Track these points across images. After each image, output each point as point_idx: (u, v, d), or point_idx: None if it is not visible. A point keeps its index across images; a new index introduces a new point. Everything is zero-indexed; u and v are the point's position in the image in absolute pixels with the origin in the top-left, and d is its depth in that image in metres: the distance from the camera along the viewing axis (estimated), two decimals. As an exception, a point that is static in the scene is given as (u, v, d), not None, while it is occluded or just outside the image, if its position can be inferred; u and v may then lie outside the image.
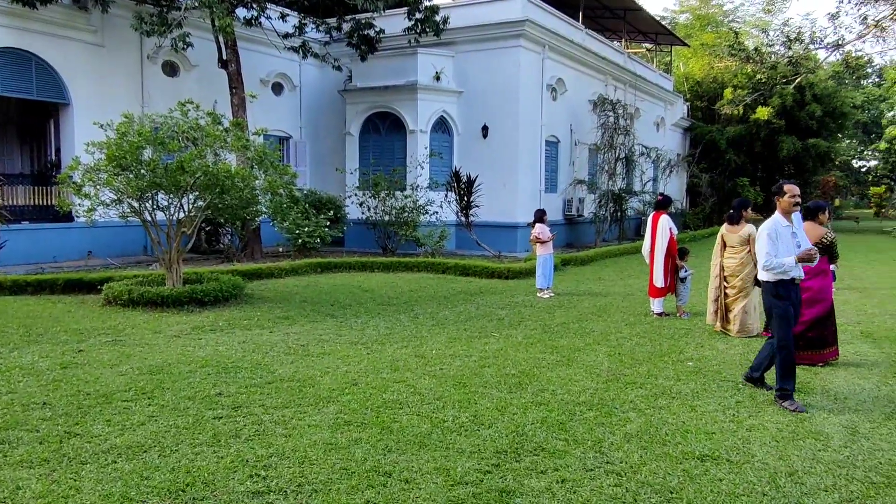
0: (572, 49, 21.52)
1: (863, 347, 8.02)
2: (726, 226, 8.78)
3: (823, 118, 35.65)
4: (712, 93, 36.13)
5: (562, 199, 21.78)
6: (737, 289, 8.53)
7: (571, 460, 4.46)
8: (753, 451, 4.66)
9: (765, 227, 5.66)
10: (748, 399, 5.84)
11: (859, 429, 5.12)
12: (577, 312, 10.23)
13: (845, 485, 4.12)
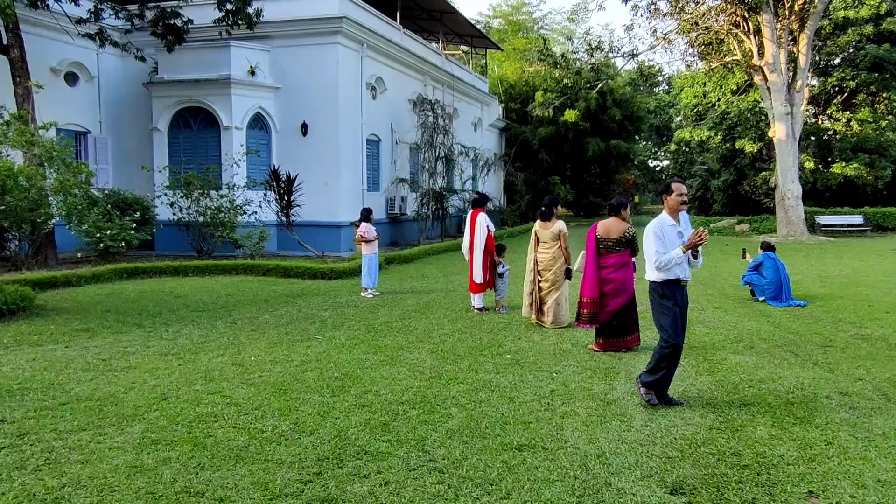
0: (391, 48, 21.66)
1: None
2: (539, 222, 9.19)
3: (623, 121, 38.77)
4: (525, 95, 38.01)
5: (385, 198, 21.87)
6: (550, 282, 8.97)
7: (395, 461, 4.42)
8: (566, 436, 4.88)
9: (651, 226, 5.53)
10: (562, 387, 6.13)
11: (658, 408, 5.54)
12: (401, 311, 10.28)
13: (646, 461, 4.43)
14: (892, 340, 8.16)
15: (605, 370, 6.76)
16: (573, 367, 6.90)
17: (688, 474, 4.23)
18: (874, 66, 30.66)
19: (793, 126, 25.81)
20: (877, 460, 4.42)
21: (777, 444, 4.71)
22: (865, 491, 3.97)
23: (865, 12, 30.67)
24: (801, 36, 25.89)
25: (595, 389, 6.07)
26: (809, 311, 10.26)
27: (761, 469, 4.30)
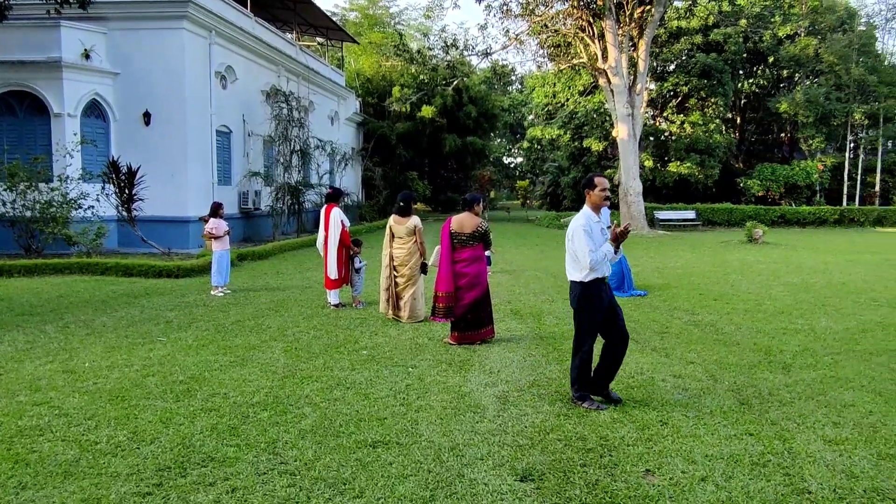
0: (242, 37, 20.84)
1: (512, 324, 8.99)
2: (394, 217, 9.17)
3: (479, 118, 39.69)
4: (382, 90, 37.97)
5: (237, 192, 21.04)
6: (406, 277, 8.98)
7: (243, 466, 4.23)
8: (421, 430, 4.88)
9: (578, 224, 5.29)
10: (417, 381, 6.14)
11: (509, 398, 5.68)
12: (254, 309, 9.92)
13: (497, 451, 4.52)
14: (719, 326, 8.86)
15: (460, 363, 6.85)
16: (429, 361, 6.94)
17: (537, 461, 4.35)
18: (704, 72, 33.34)
19: (634, 127, 27.52)
20: (705, 437, 4.76)
21: (619, 427, 4.96)
22: (695, 466, 4.26)
23: (696, 23, 33.27)
24: (641, 42, 27.64)
25: (450, 382, 6.13)
26: (648, 301, 10.95)
27: (604, 451, 4.51)
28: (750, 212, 31.51)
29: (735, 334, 8.32)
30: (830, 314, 9.68)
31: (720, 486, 3.98)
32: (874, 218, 33.46)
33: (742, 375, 6.39)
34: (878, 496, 3.84)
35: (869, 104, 35.55)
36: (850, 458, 4.37)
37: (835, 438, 4.72)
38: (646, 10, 27.29)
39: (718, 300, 10.91)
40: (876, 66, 35.26)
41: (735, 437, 4.76)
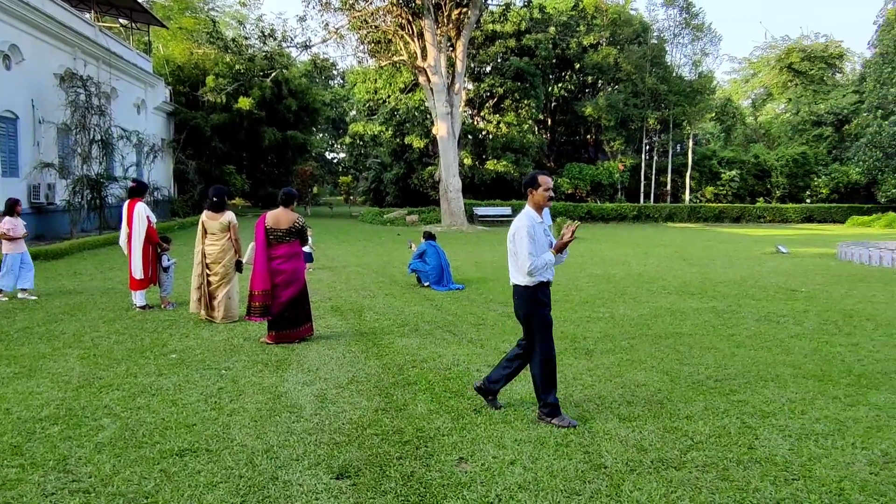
0: (28, 13, 18.83)
1: (333, 321, 8.89)
2: (207, 213, 8.72)
3: (299, 112, 38.89)
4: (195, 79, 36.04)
5: (26, 185, 19.00)
6: (219, 276, 8.58)
7: (28, 488, 3.81)
8: (233, 435, 4.68)
9: (521, 225, 4.89)
10: (231, 384, 5.88)
11: (327, 395, 5.60)
12: (45, 314, 9.01)
13: (314, 450, 4.43)
14: (530, 315, 9.33)
15: (276, 363, 6.65)
16: (244, 361, 6.67)
17: (354, 457, 4.32)
18: (517, 76, 35.02)
19: (453, 125, 28.31)
20: (515, 422, 4.98)
21: (434, 418, 5.06)
22: (505, 450, 4.44)
23: (510, 28, 34.85)
24: (458, 43, 28.49)
25: (266, 383, 5.93)
26: (466, 294, 11.30)
27: (420, 443, 4.57)
28: (560, 208, 33.57)
29: (544, 323, 8.79)
30: (628, 302, 10.54)
31: (527, 467, 4.18)
32: (666, 214, 37.00)
33: (550, 362, 6.76)
34: (663, 465, 4.22)
35: (661, 111, 39.20)
36: (641, 433, 4.77)
37: (628, 416, 5.13)
38: (462, 11, 28.15)
39: (530, 291, 11.48)
40: (666, 76, 38.92)
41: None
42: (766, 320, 9.14)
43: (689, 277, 13.45)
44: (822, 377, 6.27)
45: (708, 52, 42.21)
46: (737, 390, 5.83)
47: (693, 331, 8.40)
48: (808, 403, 5.47)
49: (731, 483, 3.97)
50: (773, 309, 10.00)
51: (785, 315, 9.52)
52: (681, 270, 14.60)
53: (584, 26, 38.38)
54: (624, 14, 40.19)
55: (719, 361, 6.86)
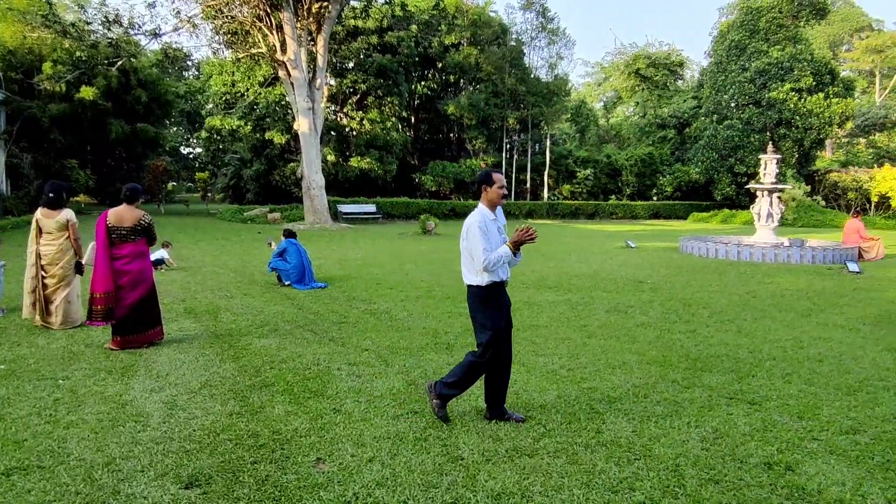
0: None
1: (186, 323, 8.48)
2: (43, 210, 8.05)
3: (150, 104, 36.73)
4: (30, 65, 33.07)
5: None
6: (57, 278, 7.94)
7: None
8: (70, 449, 4.34)
9: (473, 221, 4.76)
10: (69, 394, 5.46)
11: (178, 402, 5.32)
12: None
13: (161, 460, 4.20)
14: (393, 313, 9.34)
15: (122, 369, 6.25)
16: (85, 370, 6.21)
17: (205, 465, 4.13)
18: (380, 72, 34.98)
19: (315, 121, 27.83)
20: (374, 419, 4.96)
21: (292, 419, 4.94)
22: (364, 448, 4.41)
23: (372, 24, 34.74)
24: (319, 37, 28.02)
25: (109, 392, 5.55)
26: (329, 292, 11.14)
27: (276, 446, 4.45)
28: (424, 205, 33.90)
29: (407, 320, 8.84)
30: (488, 296, 10.78)
31: (386, 463, 4.17)
32: (526, 211, 38.30)
33: (411, 358, 6.81)
34: (517, 453, 4.35)
35: (520, 111, 40.52)
36: (497, 424, 4.89)
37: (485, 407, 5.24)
38: (323, 5, 27.73)
39: (394, 289, 11.51)
40: (525, 77, 40.27)
41: (402, 416, 5.04)
42: (615, 311, 9.66)
43: (546, 272, 13.99)
44: (664, 362, 6.72)
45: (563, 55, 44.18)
46: (587, 378, 6.12)
47: (549, 323, 8.74)
48: (650, 387, 5.83)
49: (580, 466, 4.15)
50: (622, 300, 10.60)
51: (632, 305, 10.11)
52: (539, 265, 15.16)
53: (446, 26, 38.96)
54: (484, 16, 41.17)
55: (572, 351, 7.17)
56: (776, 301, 10.69)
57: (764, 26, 38.71)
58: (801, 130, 37.33)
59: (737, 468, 4.15)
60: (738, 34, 39.38)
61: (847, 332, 8.35)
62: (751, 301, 10.66)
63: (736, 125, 38.45)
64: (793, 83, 36.79)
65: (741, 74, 38.54)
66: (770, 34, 38.60)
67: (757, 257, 16.83)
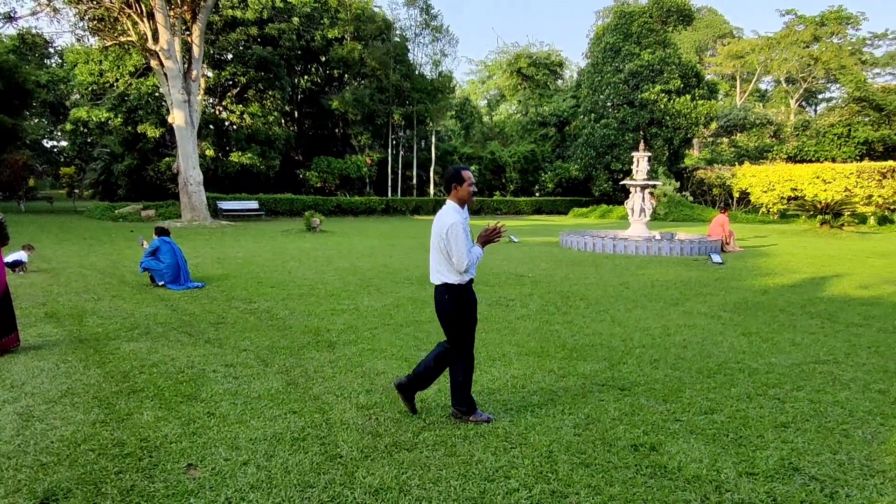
0: None
1: (46, 328, 7.92)
2: None
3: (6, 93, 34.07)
4: None
5: None
6: None
7: None
8: None
9: (455, 221, 4.66)
10: None
11: (34, 412, 4.96)
12: None
13: (13, 475, 3.90)
14: (274, 312, 9.11)
15: (-30, 380, 5.75)
16: (-74, 382, 5.67)
17: (63, 478, 3.88)
18: (260, 65, 34.02)
19: (191, 114, 26.71)
20: (251, 421, 4.82)
21: (162, 425, 4.72)
22: (239, 452, 4.28)
23: (251, 15, 33.70)
24: (195, 27, 26.90)
25: (-46, 405, 5.10)
26: (206, 292, 10.72)
27: (143, 454, 4.23)
28: (310, 202, 33.33)
29: (289, 319, 8.65)
30: (373, 293, 10.74)
31: (261, 466, 4.06)
32: (412, 207, 38.43)
33: (292, 357, 6.67)
34: (397, 448, 4.35)
35: (405, 107, 40.57)
36: (378, 420, 4.88)
37: (366, 404, 5.22)
38: (199, -6, 26.65)
39: (276, 287, 11.24)
40: (409, 74, 40.35)
41: (279, 416, 4.93)
42: (497, 304, 9.86)
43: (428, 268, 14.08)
44: (542, 353, 6.92)
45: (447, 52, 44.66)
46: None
47: (432, 318, 8.79)
48: (527, 378, 6.00)
49: (458, 458, 4.21)
50: (504, 293, 10.83)
51: (514, 299, 10.36)
52: (424, 261, 15.24)
53: (328, 19, 38.40)
54: (367, 11, 40.90)
55: (454, 345, 7.25)
56: (647, 291, 11.26)
57: (636, 30, 40.67)
58: (671, 130, 39.55)
59: (606, 451, 4.34)
60: (613, 37, 41.17)
61: (709, 319, 8.91)
62: (624, 292, 11.17)
63: (612, 124, 40.22)
64: (663, 85, 38.90)
65: (616, 76, 40.33)
66: (642, 38, 40.60)
67: (631, 250, 17.69)
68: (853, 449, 4.40)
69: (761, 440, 4.54)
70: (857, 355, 7.00)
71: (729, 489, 3.82)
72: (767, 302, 10.26)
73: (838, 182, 31.59)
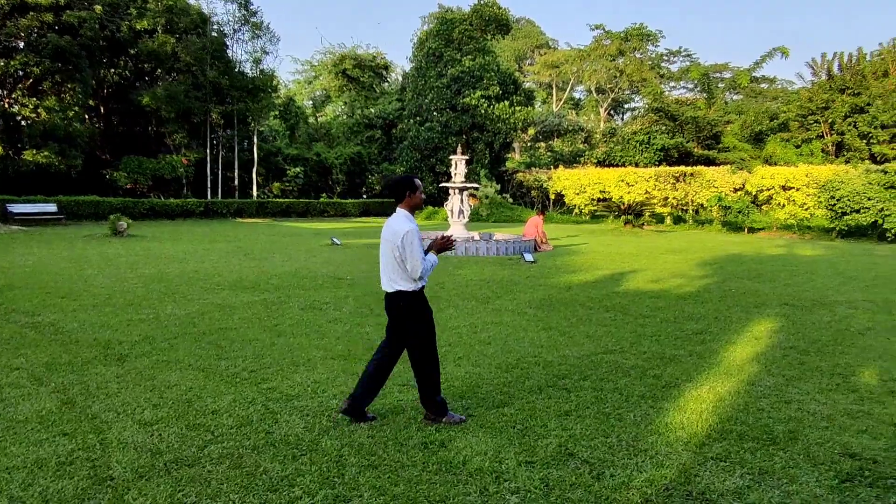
0: None
1: None
2: None
3: None
4: None
5: None
6: None
7: None
8: None
9: (411, 229, 4.72)
10: None
11: None
12: None
13: None
14: (61, 325, 8.33)
15: None
16: None
17: None
18: (58, 55, 31.11)
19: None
20: (10, 448, 4.34)
21: None
22: (-10, 484, 3.83)
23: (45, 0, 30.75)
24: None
25: None
26: (-19, 305, 9.61)
27: None
28: (118, 204, 30.98)
29: (77, 332, 7.94)
30: (178, 301, 10.15)
31: (15, 497, 3.66)
32: (235, 209, 36.97)
33: (73, 373, 6.11)
34: (177, 465, 4.10)
35: (225, 106, 38.94)
36: (160, 436, 4.57)
37: (151, 419, 4.89)
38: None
39: (67, 297, 10.30)
40: (228, 70, 38.76)
41: (46, 440, 4.48)
42: (310, 308, 9.69)
43: (246, 272, 13.58)
44: (348, 356, 6.87)
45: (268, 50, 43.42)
46: (269, 378, 6.02)
47: (239, 325, 8.47)
48: (330, 382, 5.91)
49: (242, 470, 4.04)
50: (319, 297, 10.67)
51: (328, 302, 10.23)
52: (239, 265, 14.68)
53: (136, 9, 35.92)
54: (180, 2, 38.72)
55: (258, 352, 7.02)
56: (461, 291, 11.58)
57: (457, 37, 41.88)
58: (492, 134, 41.15)
59: (397, 451, 4.36)
60: (436, 42, 42.10)
61: (515, 316, 9.32)
62: (439, 292, 11.40)
63: (435, 127, 41.11)
64: (483, 91, 40.37)
65: (439, 80, 41.27)
66: (463, 44, 41.88)
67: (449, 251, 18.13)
68: (623, 431, 4.76)
69: (544, 429, 4.79)
70: (641, 344, 7.61)
71: (508, 479, 3.97)
72: (570, 297, 10.92)
73: (640, 185, 34.40)
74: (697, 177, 32.26)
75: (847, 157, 36.18)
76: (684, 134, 44.44)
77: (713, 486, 3.92)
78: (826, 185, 26.34)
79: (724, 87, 51.94)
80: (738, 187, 30.70)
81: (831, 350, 7.43)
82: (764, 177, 29.44)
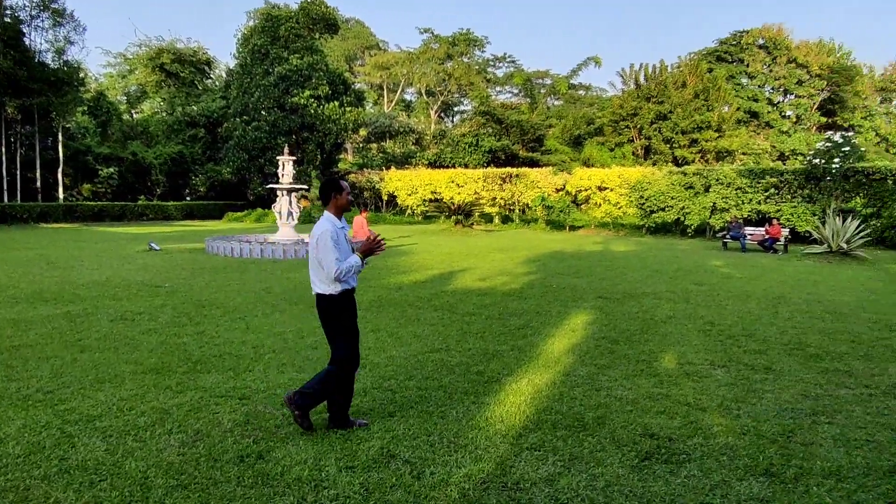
0: None
1: None
2: None
3: None
4: None
5: None
6: None
7: None
8: None
9: (325, 231, 4.67)
10: None
11: None
12: None
13: None
14: None
15: None
16: None
17: None
18: None
19: None
20: None
21: None
22: None
23: None
24: None
25: None
26: None
27: None
28: None
29: None
30: (-38, 316, 9.02)
31: None
32: (38, 214, 33.69)
33: None
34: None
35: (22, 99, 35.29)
36: (-72, 474, 4.00)
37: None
38: None
39: None
40: (25, 61, 35.14)
41: None
42: (121, 320, 8.98)
43: (47, 282, 12.35)
44: (162, 369, 6.42)
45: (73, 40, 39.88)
46: (68, 398, 5.48)
47: (36, 341, 7.65)
48: (139, 398, 5.48)
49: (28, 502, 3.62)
50: (132, 307, 9.92)
51: (142, 312, 9.53)
52: (40, 275, 13.34)
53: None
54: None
55: (57, 370, 6.37)
56: (289, 295, 11.26)
57: (284, 34, 40.85)
58: (322, 134, 40.55)
59: (210, 467, 4.11)
60: (261, 39, 40.81)
61: (343, 318, 9.18)
62: (265, 297, 11.02)
63: (263, 127, 39.84)
64: (312, 90, 39.68)
65: (266, 78, 40.04)
66: (290, 42, 40.91)
67: (279, 254, 17.63)
68: (445, 429, 4.81)
69: (367, 432, 4.73)
70: (466, 342, 7.78)
71: (327, 486, 3.87)
72: (400, 298, 10.96)
73: (469, 186, 35.43)
74: (523, 178, 33.79)
75: (654, 159, 39.53)
76: (510, 136, 46.39)
77: (527, 476, 4.05)
78: (636, 186, 28.59)
79: (546, 93, 54.85)
80: (559, 188, 32.52)
81: (637, 338, 8.01)
82: (582, 178, 31.40)
